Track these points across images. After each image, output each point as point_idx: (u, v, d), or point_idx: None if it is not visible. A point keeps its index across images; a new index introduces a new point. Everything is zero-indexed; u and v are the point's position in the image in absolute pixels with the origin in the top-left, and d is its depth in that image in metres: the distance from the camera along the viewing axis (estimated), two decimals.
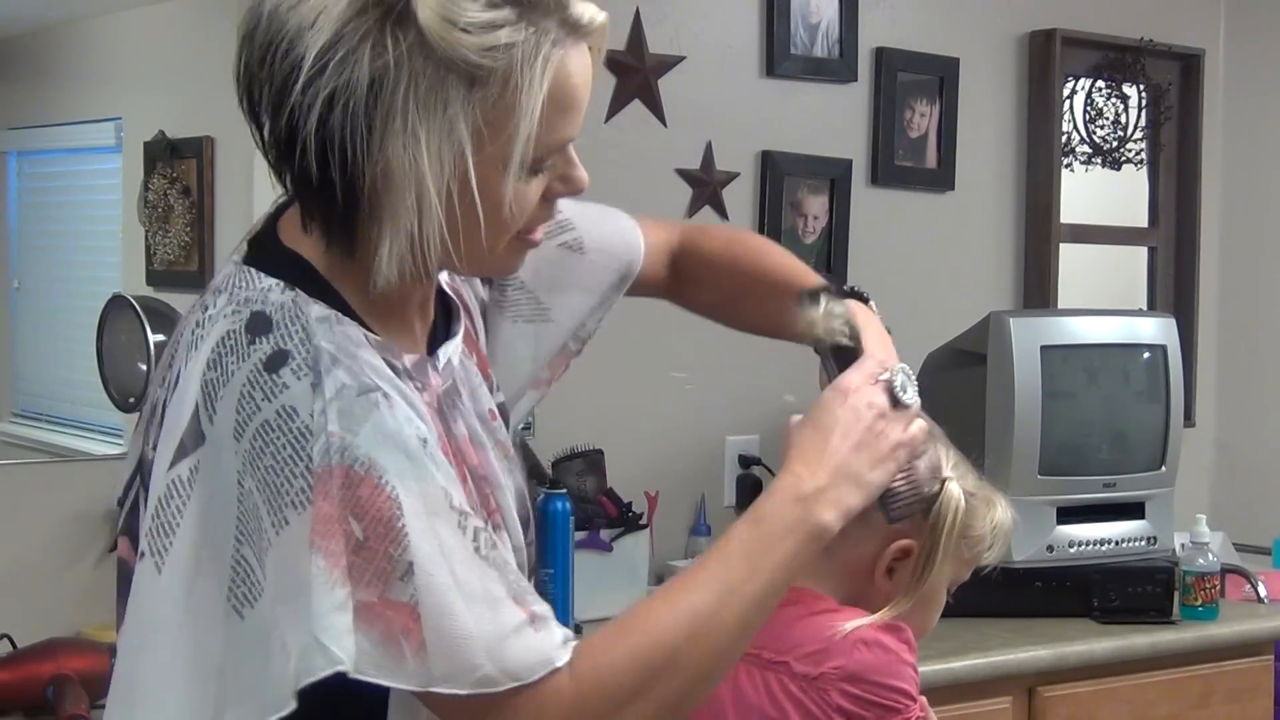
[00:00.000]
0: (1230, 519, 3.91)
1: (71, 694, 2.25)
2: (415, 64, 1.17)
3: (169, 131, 2.95)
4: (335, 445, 1.16)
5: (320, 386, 1.18)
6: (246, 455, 1.18)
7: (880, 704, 1.45)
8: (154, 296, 2.98)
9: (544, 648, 1.19)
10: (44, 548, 2.69)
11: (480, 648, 1.16)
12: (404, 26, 1.17)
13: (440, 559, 1.16)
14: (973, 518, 1.56)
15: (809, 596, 1.54)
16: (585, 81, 1.26)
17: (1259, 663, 3.13)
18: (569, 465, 3.03)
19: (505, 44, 1.18)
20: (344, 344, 1.21)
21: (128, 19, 3.05)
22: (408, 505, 1.16)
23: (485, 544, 1.20)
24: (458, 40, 1.17)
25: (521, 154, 1.21)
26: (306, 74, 1.17)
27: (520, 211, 1.26)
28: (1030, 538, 3.02)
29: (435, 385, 1.32)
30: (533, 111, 1.20)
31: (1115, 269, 4.21)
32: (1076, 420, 3.15)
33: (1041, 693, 2.86)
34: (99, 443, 3.01)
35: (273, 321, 1.22)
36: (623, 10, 3.25)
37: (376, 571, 1.15)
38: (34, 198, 3.07)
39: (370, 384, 1.19)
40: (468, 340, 1.42)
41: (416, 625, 1.15)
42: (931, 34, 3.70)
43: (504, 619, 1.17)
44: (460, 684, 1.15)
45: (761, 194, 3.45)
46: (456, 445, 1.31)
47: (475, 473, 1.33)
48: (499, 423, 1.41)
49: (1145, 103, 4.07)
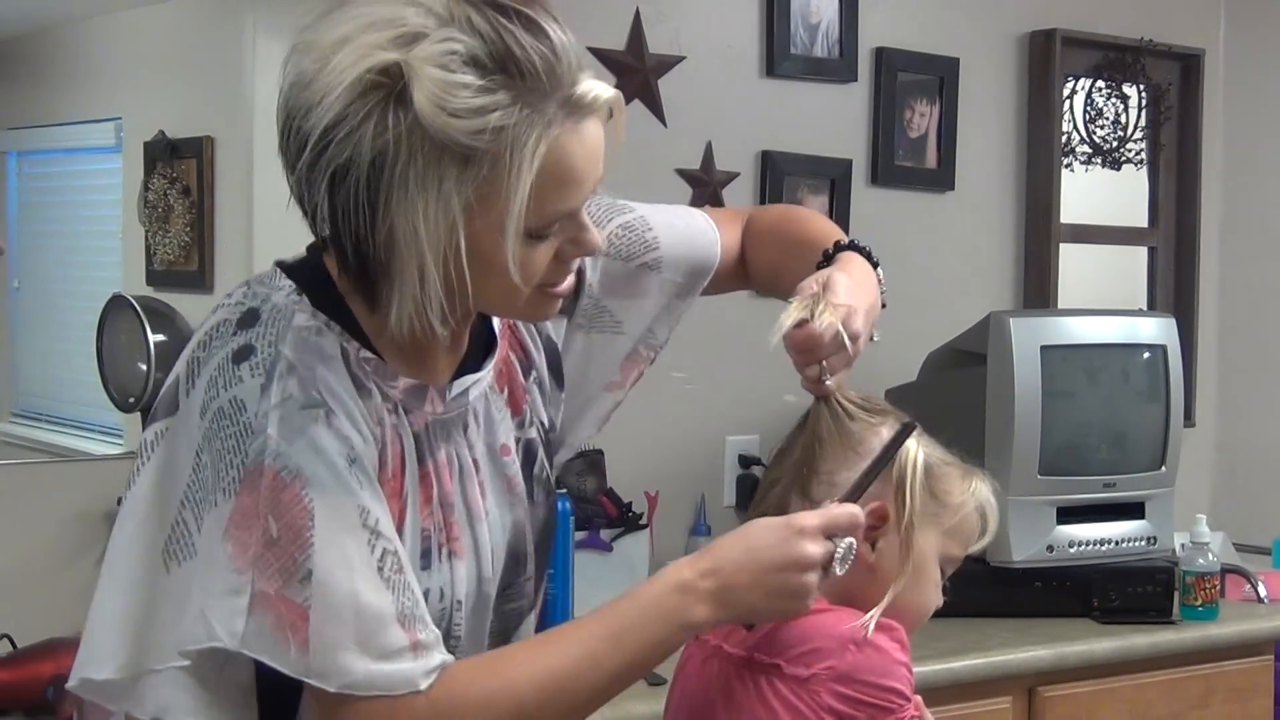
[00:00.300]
0: (1230, 519, 3.90)
1: (71, 694, 2.25)
2: (414, 142, 1.26)
3: (169, 131, 2.95)
4: (270, 449, 1.29)
5: (269, 389, 1.31)
6: (205, 433, 1.32)
7: (873, 704, 1.43)
8: (154, 296, 2.98)
9: (413, 672, 1.31)
10: (44, 548, 2.69)
11: (355, 658, 1.29)
12: (403, 107, 1.26)
13: (342, 571, 1.29)
14: (946, 482, 1.55)
15: None
16: (589, 155, 1.33)
17: (1259, 663, 3.13)
18: (569, 465, 3.03)
19: (495, 128, 1.26)
20: (307, 356, 1.32)
21: (128, 19, 3.05)
22: (320, 518, 1.29)
23: (391, 568, 1.31)
24: (448, 124, 1.25)
25: (515, 226, 1.29)
26: (312, 149, 1.28)
27: (530, 273, 1.34)
28: (1030, 538, 3.02)
29: (429, 412, 1.42)
30: (522, 190, 1.27)
31: (1115, 269, 4.21)
32: (1076, 420, 3.15)
33: (1041, 693, 2.86)
34: (99, 443, 3.01)
35: (259, 319, 1.34)
36: (623, 10, 3.25)
37: (281, 569, 1.28)
38: (34, 198, 3.07)
39: (316, 399, 1.31)
40: (501, 377, 1.51)
41: (304, 625, 1.28)
42: (931, 34, 3.70)
43: (386, 638, 1.30)
44: (330, 683, 1.29)
45: (761, 194, 3.45)
46: (425, 469, 1.41)
47: (444, 499, 1.42)
48: (510, 458, 1.50)
49: (1145, 103, 4.07)
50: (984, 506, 1.58)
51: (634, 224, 1.65)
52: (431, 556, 1.41)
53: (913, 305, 3.38)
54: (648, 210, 1.68)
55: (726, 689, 1.50)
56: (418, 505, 1.40)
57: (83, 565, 2.72)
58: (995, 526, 1.59)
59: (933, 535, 1.54)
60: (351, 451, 1.32)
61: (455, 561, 1.43)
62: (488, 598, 1.48)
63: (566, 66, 1.30)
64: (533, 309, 1.41)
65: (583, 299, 1.62)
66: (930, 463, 1.54)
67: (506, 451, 1.50)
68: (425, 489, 1.41)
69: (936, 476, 1.55)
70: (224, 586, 1.29)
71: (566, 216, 1.35)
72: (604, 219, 1.63)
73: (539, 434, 1.57)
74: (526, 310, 1.41)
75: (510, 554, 1.51)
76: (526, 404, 1.55)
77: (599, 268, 1.63)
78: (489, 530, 1.47)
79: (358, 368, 1.36)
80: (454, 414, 1.44)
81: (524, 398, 1.54)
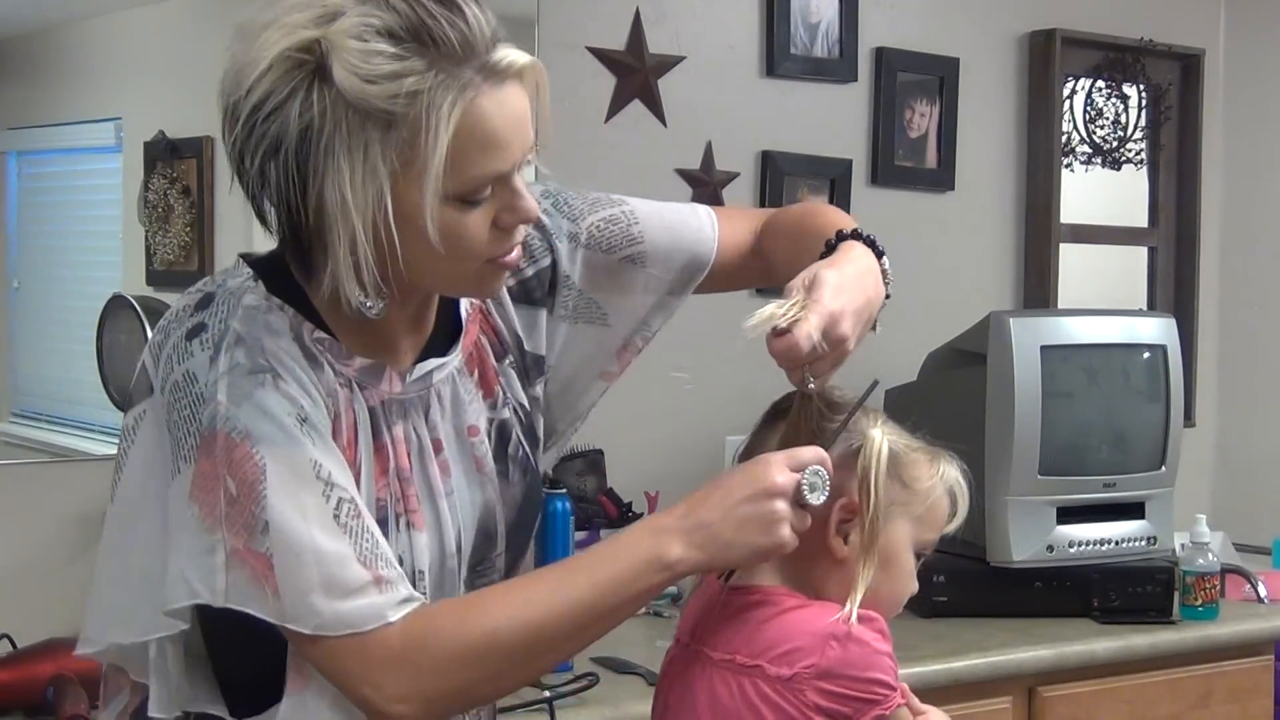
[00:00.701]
0: (1230, 519, 3.90)
1: (71, 694, 2.25)
2: (338, 113, 1.34)
3: (169, 131, 2.95)
4: (221, 413, 1.37)
5: (217, 360, 1.39)
6: (165, 407, 1.41)
7: (858, 698, 1.43)
8: (154, 296, 2.98)
9: (380, 605, 1.37)
10: (44, 548, 2.68)
11: (322, 599, 1.36)
12: (326, 82, 1.35)
13: (298, 520, 1.36)
14: (914, 468, 1.55)
15: (778, 595, 1.52)
16: (510, 119, 1.38)
17: (1259, 663, 3.13)
18: (569, 465, 3.03)
19: (410, 92, 1.33)
20: (254, 329, 1.41)
21: (128, 19, 3.05)
22: (271, 471, 1.36)
23: (348, 514, 1.38)
24: (366, 91, 1.33)
25: (435, 188, 1.35)
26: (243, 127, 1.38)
27: (467, 242, 1.40)
28: (1030, 538, 3.02)
29: (385, 390, 1.48)
30: (440, 151, 1.34)
31: (1115, 269, 4.21)
32: (1076, 420, 3.15)
33: (1041, 693, 2.86)
34: (99, 443, 3.00)
35: (214, 301, 1.44)
36: (623, 10, 3.25)
37: (244, 524, 1.37)
38: (34, 198, 3.06)
39: (263, 365, 1.40)
40: (471, 360, 1.56)
41: (271, 573, 1.36)
42: (931, 34, 3.70)
43: (348, 576, 1.37)
44: (305, 625, 1.37)
45: (761, 194, 3.45)
46: (381, 443, 1.47)
47: (401, 474, 1.48)
48: (479, 439, 1.55)
49: (1145, 103, 4.07)
50: (953, 488, 1.57)
51: (619, 218, 1.68)
52: (389, 525, 1.46)
53: (913, 305, 3.38)
54: (640, 205, 1.70)
55: (711, 694, 1.49)
56: (373, 475, 1.46)
57: (83, 565, 2.71)
58: (966, 507, 1.58)
59: (904, 524, 1.54)
60: (301, 411, 1.39)
61: (414, 533, 1.48)
62: (453, 572, 1.52)
63: (480, 35, 1.36)
64: (481, 283, 1.46)
65: (561, 290, 1.65)
66: (896, 450, 1.54)
67: (474, 432, 1.55)
68: (381, 461, 1.47)
69: (904, 464, 1.54)
70: (199, 547, 1.37)
71: (497, 182, 1.40)
72: (588, 210, 1.66)
73: (515, 415, 1.61)
74: (475, 284, 1.46)
75: (480, 531, 1.55)
76: (499, 386, 1.59)
77: (579, 260, 1.65)
78: (454, 507, 1.52)
79: (311, 345, 1.44)
80: (413, 395, 1.50)
81: (496, 380, 1.59)
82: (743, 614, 1.50)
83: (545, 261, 1.65)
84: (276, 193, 1.38)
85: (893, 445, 1.54)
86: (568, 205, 1.67)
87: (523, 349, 1.63)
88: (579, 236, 1.66)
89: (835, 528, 1.52)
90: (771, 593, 1.52)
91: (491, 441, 1.57)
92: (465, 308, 1.58)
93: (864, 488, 1.51)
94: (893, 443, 1.54)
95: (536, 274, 1.64)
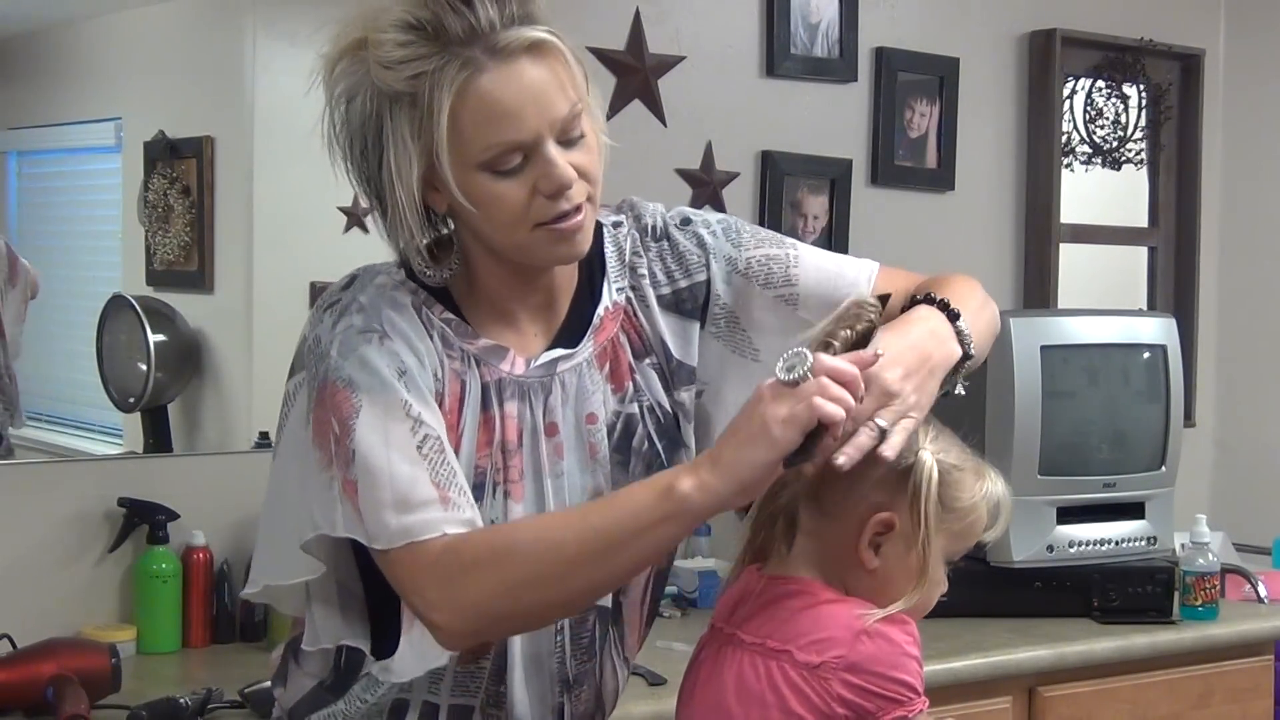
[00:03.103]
0: (1230, 519, 3.90)
1: (71, 694, 2.25)
2: (380, 100, 1.52)
3: (169, 131, 2.95)
4: (331, 366, 1.54)
5: (337, 324, 1.57)
6: (307, 370, 1.58)
7: (882, 695, 1.45)
8: (154, 296, 2.98)
9: (438, 520, 1.49)
10: (44, 548, 2.69)
11: (391, 515, 1.49)
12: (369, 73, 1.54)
13: (380, 447, 1.51)
14: (957, 489, 1.56)
15: (815, 587, 1.54)
16: (521, 90, 1.51)
17: (1259, 663, 3.13)
18: None
19: (418, 73, 1.50)
20: (378, 300, 1.57)
21: (128, 19, 3.05)
22: (365, 409, 1.51)
23: (431, 448, 1.52)
24: (386, 76, 1.51)
25: (451, 158, 1.51)
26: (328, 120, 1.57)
27: (506, 208, 1.53)
28: (1030, 538, 3.02)
29: (505, 370, 1.61)
30: (442, 123, 1.49)
31: (1115, 269, 4.21)
32: (1076, 420, 3.15)
33: (1041, 693, 2.86)
34: (99, 443, 3.01)
35: (355, 281, 1.61)
36: (623, 10, 3.25)
37: (344, 458, 1.51)
38: (34, 198, 3.07)
39: (375, 328, 1.55)
40: (604, 355, 1.67)
41: (355, 496, 1.50)
42: (931, 34, 3.70)
43: (417, 493, 1.50)
44: (378, 541, 1.50)
45: (761, 194, 3.45)
46: (489, 415, 1.60)
47: (506, 447, 1.60)
48: (596, 426, 1.65)
49: (1145, 103, 4.08)
50: (996, 505, 1.59)
51: (781, 258, 1.74)
52: (485, 490, 1.59)
53: None
54: (806, 253, 1.76)
55: (739, 675, 1.52)
56: (475, 444, 1.59)
57: (83, 565, 2.72)
58: (1007, 520, 1.61)
59: (940, 539, 1.55)
60: (402, 365, 1.54)
61: (511, 502, 1.59)
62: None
63: (486, 20, 1.50)
64: (541, 247, 1.56)
65: (712, 308, 1.73)
66: (943, 470, 1.54)
67: (592, 420, 1.65)
68: (487, 432, 1.59)
69: (948, 484, 1.55)
70: (320, 484, 1.53)
71: (529, 150, 1.51)
72: (753, 245, 1.74)
73: (651, 412, 1.69)
74: (537, 249, 1.56)
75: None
76: (633, 382, 1.68)
77: (733, 284, 1.73)
78: (562, 487, 1.62)
79: (437, 321, 1.60)
80: (535, 379, 1.62)
81: (629, 376, 1.68)
82: (778, 601, 1.54)
83: (700, 277, 1.72)
84: (360, 174, 1.57)
85: (941, 465, 1.54)
86: (736, 234, 1.75)
87: (669, 354, 1.71)
88: (737, 262, 1.73)
89: (869, 540, 1.54)
90: (808, 584, 1.55)
91: (616, 433, 1.66)
92: (604, 306, 1.68)
93: (914, 513, 1.52)
94: (940, 462, 1.55)
95: (690, 287, 1.72)
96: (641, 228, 1.72)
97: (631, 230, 1.72)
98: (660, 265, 1.71)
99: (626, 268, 1.70)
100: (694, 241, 1.72)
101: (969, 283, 1.76)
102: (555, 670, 1.66)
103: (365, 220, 3.02)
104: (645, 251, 1.71)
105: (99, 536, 2.72)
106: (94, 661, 2.35)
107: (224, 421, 3.03)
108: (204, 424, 3.04)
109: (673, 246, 1.72)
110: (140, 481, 2.75)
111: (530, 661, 1.64)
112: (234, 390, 3.02)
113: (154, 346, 2.94)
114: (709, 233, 1.73)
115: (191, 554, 2.75)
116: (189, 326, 2.99)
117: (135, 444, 2.97)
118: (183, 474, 2.82)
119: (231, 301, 3.00)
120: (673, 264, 1.71)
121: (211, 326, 3.00)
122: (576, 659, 1.67)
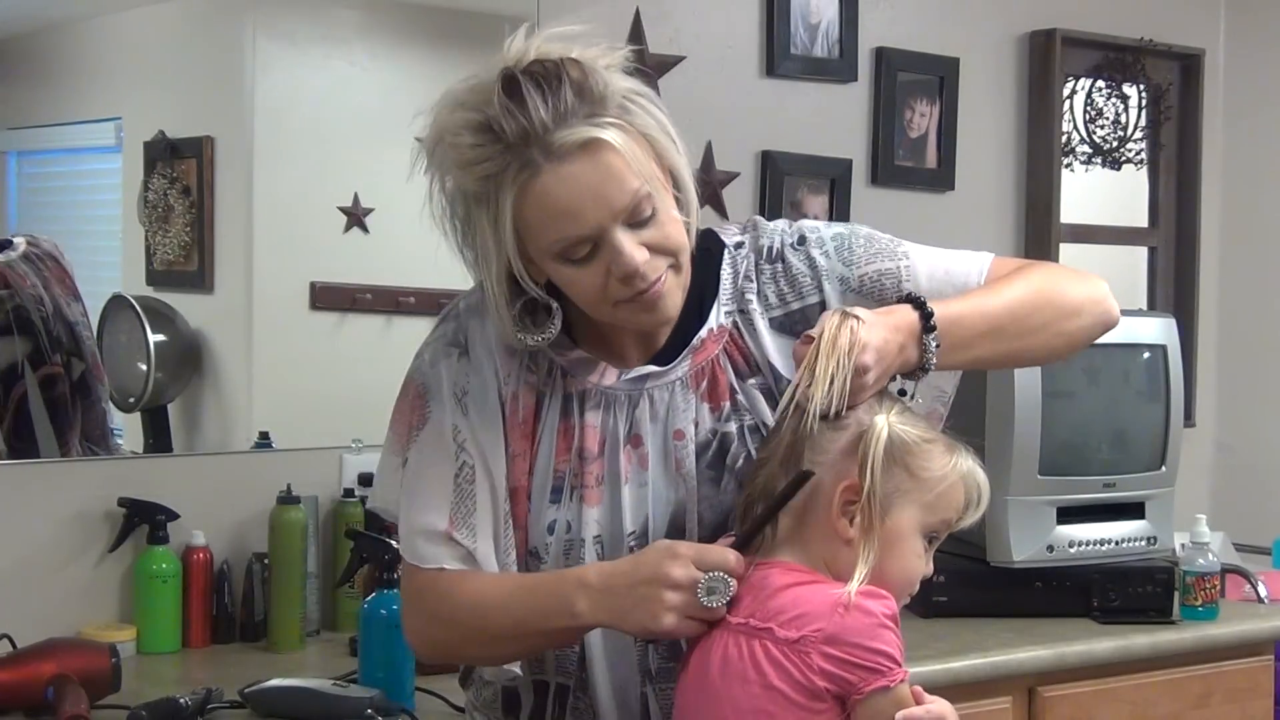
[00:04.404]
0: (1230, 519, 3.90)
1: (71, 694, 2.24)
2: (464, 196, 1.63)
3: (169, 131, 2.95)
4: (421, 368, 1.74)
5: (438, 327, 1.76)
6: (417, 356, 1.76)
7: (862, 665, 1.48)
8: (154, 296, 2.98)
9: (439, 554, 1.68)
10: (44, 548, 2.69)
11: (410, 529, 1.71)
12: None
13: (423, 466, 1.71)
14: (925, 459, 1.59)
15: (796, 569, 1.58)
16: (575, 191, 1.57)
17: (1259, 663, 3.13)
18: None
19: (486, 175, 1.59)
20: (472, 313, 1.73)
21: (128, 19, 3.05)
22: (428, 426, 1.71)
23: (464, 477, 1.69)
24: (460, 176, 1.62)
25: (510, 248, 1.61)
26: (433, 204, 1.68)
27: (584, 291, 1.63)
28: (1030, 538, 3.02)
29: (593, 382, 1.71)
30: (506, 218, 1.60)
31: (1115, 269, 4.20)
32: (1076, 420, 3.15)
33: (1041, 693, 2.86)
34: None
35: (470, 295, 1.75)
36: (623, 10, 3.25)
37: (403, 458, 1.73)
38: (34, 198, 3.07)
39: (459, 341, 1.73)
40: (700, 374, 1.73)
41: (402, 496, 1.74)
42: (931, 34, 3.70)
43: (430, 521, 1.69)
44: (399, 545, 1.76)
45: (761, 194, 3.45)
46: (569, 424, 1.71)
47: (585, 454, 1.70)
48: (684, 442, 1.71)
49: (1145, 103, 4.08)
50: (968, 478, 1.62)
51: (894, 272, 1.76)
52: (562, 493, 1.70)
53: None
54: (918, 260, 1.78)
55: (724, 653, 1.55)
56: (554, 448, 1.70)
57: (83, 565, 2.72)
58: (987, 496, 1.64)
59: (911, 510, 1.59)
60: (465, 386, 1.71)
61: (585, 507, 1.70)
62: (630, 550, 1.68)
63: (539, 122, 1.56)
64: (630, 318, 1.66)
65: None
66: (906, 440, 1.59)
67: (680, 436, 1.71)
68: (566, 439, 1.70)
69: (913, 453, 1.59)
70: (391, 467, 1.75)
71: (590, 241, 1.59)
72: (866, 260, 1.77)
73: (754, 431, 1.72)
74: (624, 319, 1.66)
75: (672, 525, 1.70)
76: (732, 401, 1.72)
77: (840, 299, 1.74)
78: (644, 497, 1.70)
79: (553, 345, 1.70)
80: (622, 392, 1.71)
81: (727, 396, 1.72)
82: (762, 584, 1.57)
83: (813, 299, 1.75)
84: (462, 256, 1.69)
85: (902, 434, 1.59)
86: (849, 250, 1.77)
87: (776, 374, 1.73)
88: (850, 281, 1.76)
89: (841, 509, 1.58)
90: (791, 566, 1.58)
91: (711, 450, 1.71)
92: (708, 328, 1.74)
93: (860, 472, 1.57)
94: (903, 432, 1.59)
95: (802, 309, 1.75)
96: (758, 249, 1.76)
97: (749, 252, 1.76)
98: (773, 287, 1.75)
99: (738, 291, 1.75)
100: (806, 263, 1.75)
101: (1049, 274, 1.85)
102: (637, 661, 1.71)
103: (365, 220, 3.02)
104: (759, 275, 1.75)
105: (99, 536, 2.72)
106: (94, 661, 2.35)
107: (224, 421, 3.03)
108: (204, 424, 3.04)
109: (786, 269, 1.75)
110: (140, 481, 2.75)
111: (611, 653, 1.71)
112: (234, 390, 3.02)
113: (154, 346, 2.94)
114: (821, 253, 1.76)
115: (191, 554, 2.75)
116: (189, 326, 2.99)
117: (135, 444, 2.97)
118: (183, 474, 2.82)
119: (231, 301, 3.01)
120: (785, 286, 1.75)
121: (211, 326, 3.00)
122: (659, 653, 1.71)
